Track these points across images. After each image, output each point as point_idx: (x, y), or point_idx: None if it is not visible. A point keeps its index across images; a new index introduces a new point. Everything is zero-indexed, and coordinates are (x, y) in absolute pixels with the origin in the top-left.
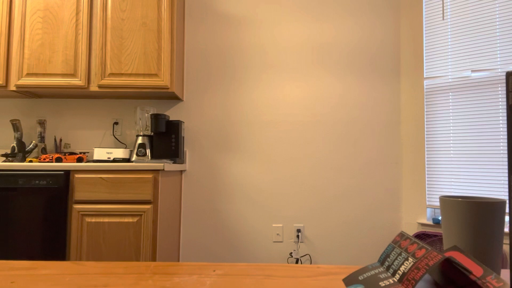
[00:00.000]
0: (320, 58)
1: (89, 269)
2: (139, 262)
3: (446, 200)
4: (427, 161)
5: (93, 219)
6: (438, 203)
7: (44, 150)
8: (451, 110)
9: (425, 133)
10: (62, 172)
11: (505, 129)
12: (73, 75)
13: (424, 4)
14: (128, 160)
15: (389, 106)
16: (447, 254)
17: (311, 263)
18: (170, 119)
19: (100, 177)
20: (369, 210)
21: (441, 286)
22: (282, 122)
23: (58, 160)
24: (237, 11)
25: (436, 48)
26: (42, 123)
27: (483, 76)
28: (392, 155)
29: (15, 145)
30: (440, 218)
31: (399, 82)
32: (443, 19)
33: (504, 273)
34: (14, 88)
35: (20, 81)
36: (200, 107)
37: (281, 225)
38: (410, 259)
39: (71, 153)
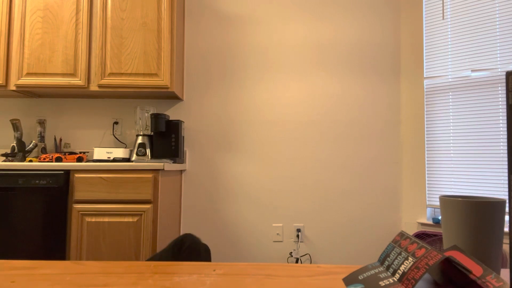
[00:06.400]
0: (320, 57)
1: (89, 269)
2: (139, 262)
3: (446, 200)
4: (427, 160)
5: (93, 219)
6: (438, 203)
7: (44, 150)
8: (451, 110)
9: (425, 133)
10: (62, 172)
11: (505, 129)
12: (73, 74)
13: (424, 3)
14: (128, 159)
15: (389, 106)
16: (447, 254)
17: (311, 263)
18: (170, 118)
19: (100, 177)
20: (369, 209)
21: (441, 286)
22: (282, 121)
23: (58, 159)
24: (237, 10)
25: (436, 47)
26: (42, 123)
27: (483, 76)
28: (392, 155)
29: (15, 144)
30: (440, 217)
31: (399, 82)
32: (443, 19)
33: (504, 273)
34: (14, 88)
35: (20, 80)
36: (200, 107)
37: (281, 224)
38: (410, 259)
39: (71, 153)
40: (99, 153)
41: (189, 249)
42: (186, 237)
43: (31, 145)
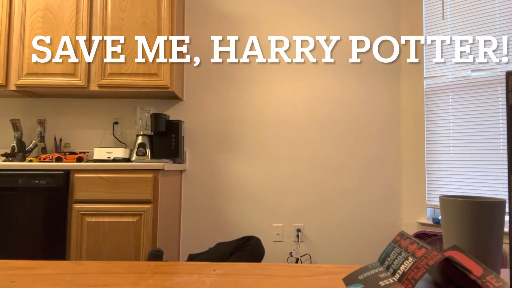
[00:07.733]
0: (320, 57)
1: (89, 269)
2: (139, 262)
3: (446, 200)
4: (427, 160)
5: (93, 219)
6: (438, 203)
7: (44, 150)
8: (451, 110)
9: (425, 132)
10: (62, 172)
11: (505, 129)
12: (73, 74)
13: (424, 3)
14: (128, 159)
15: (389, 106)
16: (447, 254)
17: (311, 263)
18: (170, 118)
19: (100, 177)
20: (369, 209)
21: (441, 286)
22: (283, 121)
23: (58, 159)
24: (237, 10)
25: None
26: (42, 123)
27: (483, 75)
28: (392, 155)
29: (15, 144)
30: (440, 217)
31: (399, 82)
32: (443, 19)
33: (504, 273)
34: (14, 88)
35: (20, 80)
36: (200, 106)
37: (281, 224)
38: (410, 259)
39: (71, 153)
40: (99, 153)
41: (252, 247)
42: (253, 237)
43: (31, 145)
